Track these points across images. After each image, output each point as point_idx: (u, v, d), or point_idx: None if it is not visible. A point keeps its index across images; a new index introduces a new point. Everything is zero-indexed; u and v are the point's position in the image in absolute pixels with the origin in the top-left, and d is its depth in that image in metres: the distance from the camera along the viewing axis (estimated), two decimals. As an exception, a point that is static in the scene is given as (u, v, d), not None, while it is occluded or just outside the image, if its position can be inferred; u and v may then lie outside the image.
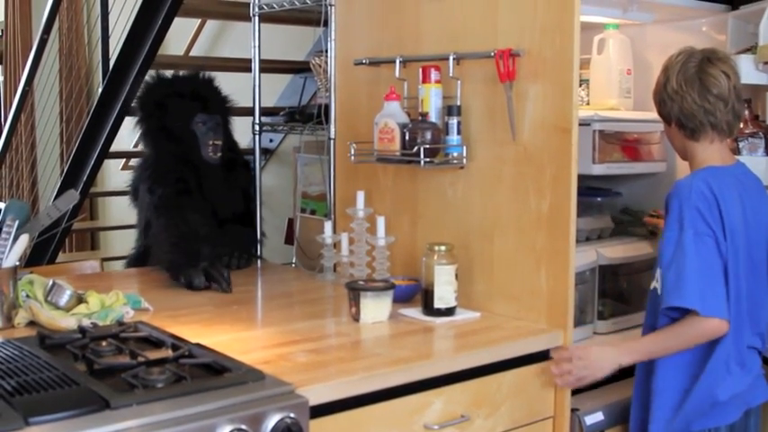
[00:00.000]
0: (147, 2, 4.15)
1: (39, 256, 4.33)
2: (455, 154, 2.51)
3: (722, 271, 2.08)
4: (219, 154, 3.07)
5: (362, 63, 2.82)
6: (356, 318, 2.34)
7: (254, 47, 3.31)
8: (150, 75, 3.33)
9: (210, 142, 3.06)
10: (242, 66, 3.83)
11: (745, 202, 2.18)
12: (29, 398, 1.63)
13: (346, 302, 2.37)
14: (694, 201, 2.09)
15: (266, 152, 5.09)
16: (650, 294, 2.24)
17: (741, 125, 2.73)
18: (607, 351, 2.21)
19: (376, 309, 2.33)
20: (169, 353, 1.93)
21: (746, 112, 2.75)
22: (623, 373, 2.40)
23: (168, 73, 3.29)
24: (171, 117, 3.07)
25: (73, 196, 2.50)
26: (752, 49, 2.67)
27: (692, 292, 2.04)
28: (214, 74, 3.28)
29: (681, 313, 2.08)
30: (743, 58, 2.66)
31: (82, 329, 2.08)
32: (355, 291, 2.34)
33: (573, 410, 2.32)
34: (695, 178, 2.16)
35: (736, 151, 2.72)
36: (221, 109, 3.17)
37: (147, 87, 3.25)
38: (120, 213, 6.69)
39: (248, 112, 3.37)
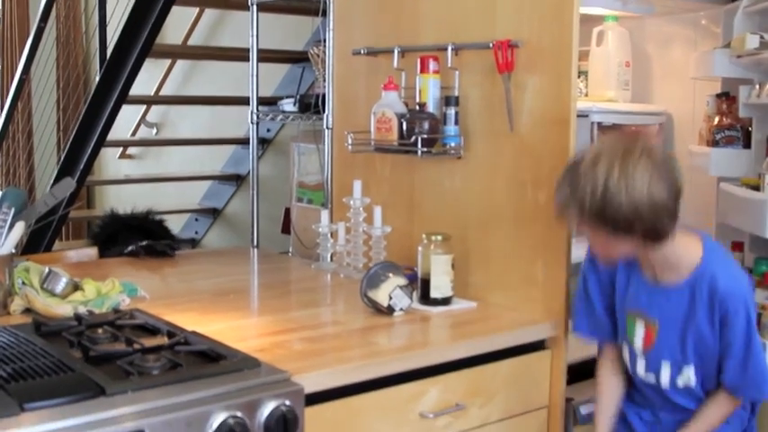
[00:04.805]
0: (145, -10, 4.14)
1: (35, 244, 4.32)
2: (453, 144, 2.51)
3: None
4: None
5: (361, 53, 2.81)
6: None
7: (252, 36, 3.29)
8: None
9: None
10: (240, 55, 3.83)
11: None
12: (24, 384, 1.63)
13: (342, 291, 2.37)
14: (748, 293, 1.98)
15: (264, 142, 5.09)
16: (669, 391, 2.07)
17: (717, 119, 2.74)
18: None
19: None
20: (165, 340, 1.93)
21: (724, 106, 2.75)
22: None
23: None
24: None
25: (69, 184, 2.50)
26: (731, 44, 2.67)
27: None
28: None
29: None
30: (719, 51, 2.67)
31: (78, 317, 2.08)
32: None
33: (568, 400, 2.32)
34: (733, 271, 1.99)
35: (713, 143, 2.72)
36: None
37: None
38: (117, 202, 6.70)
39: (246, 101, 3.36)
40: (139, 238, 3.22)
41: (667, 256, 1.96)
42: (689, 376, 2.03)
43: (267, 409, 1.66)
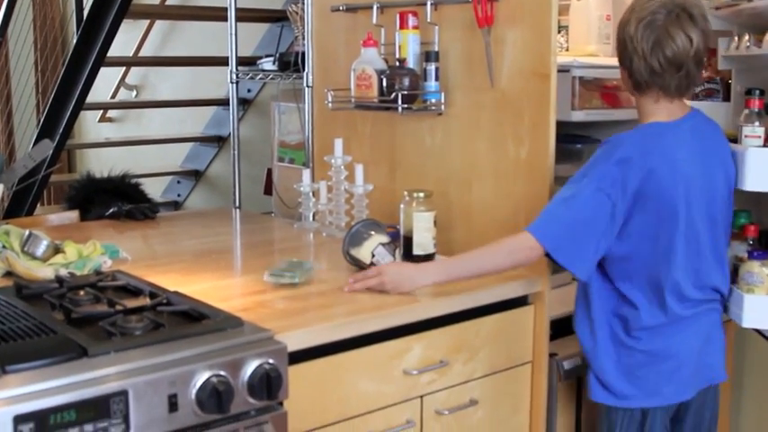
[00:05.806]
0: (121, -52, 4.08)
1: (17, 208, 4.30)
2: (433, 100, 2.50)
3: (599, 230, 2.01)
4: None
5: (339, 9, 2.78)
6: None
7: (231, -5, 3.26)
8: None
9: None
10: (218, 15, 3.78)
11: (701, 155, 2.07)
12: (6, 346, 1.62)
13: (325, 250, 2.36)
14: (616, 158, 1.99)
15: (245, 102, 5.05)
16: None
17: None
18: (407, 272, 2.15)
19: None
20: (147, 301, 1.92)
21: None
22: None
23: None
24: None
25: (47, 146, 2.49)
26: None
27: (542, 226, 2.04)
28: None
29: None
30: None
31: (59, 279, 2.08)
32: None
33: (551, 356, 2.34)
34: (633, 135, 2.05)
35: (693, 96, 2.70)
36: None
37: None
38: (98, 166, 6.65)
39: (225, 61, 3.33)
40: (115, 201, 3.20)
41: (638, 108, 2.13)
42: None
43: (250, 367, 1.67)
